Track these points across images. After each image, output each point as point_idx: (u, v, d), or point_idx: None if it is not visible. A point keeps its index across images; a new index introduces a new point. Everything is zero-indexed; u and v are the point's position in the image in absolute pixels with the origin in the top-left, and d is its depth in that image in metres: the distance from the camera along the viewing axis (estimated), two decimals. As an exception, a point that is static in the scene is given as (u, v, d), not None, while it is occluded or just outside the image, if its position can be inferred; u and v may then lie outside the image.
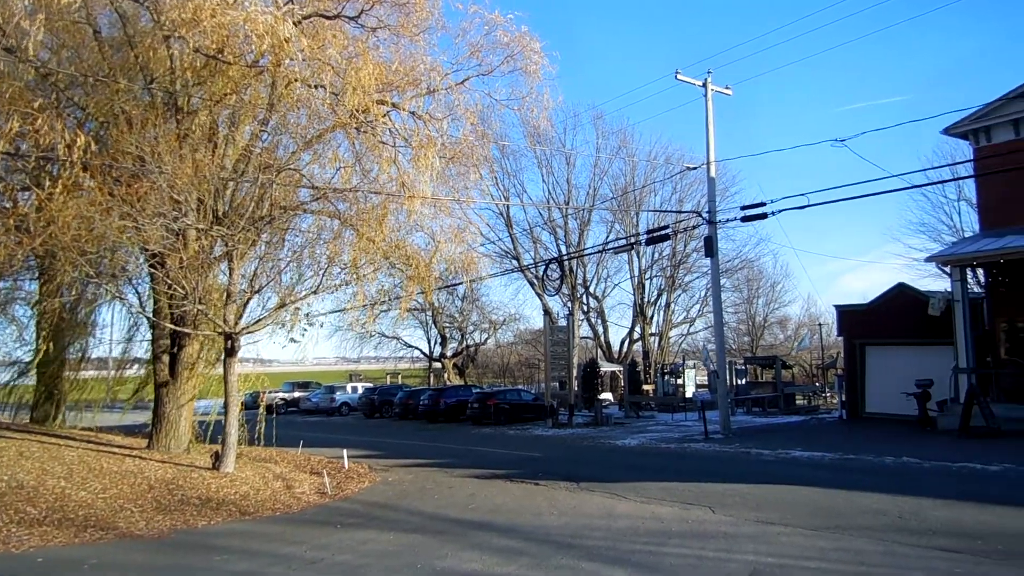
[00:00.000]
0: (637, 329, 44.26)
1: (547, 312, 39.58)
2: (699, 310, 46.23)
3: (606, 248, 38.12)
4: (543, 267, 37.29)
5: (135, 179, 12.58)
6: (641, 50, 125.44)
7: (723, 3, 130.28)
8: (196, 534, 10.09)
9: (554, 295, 39.65)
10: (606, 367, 39.79)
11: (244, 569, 8.33)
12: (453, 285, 32.63)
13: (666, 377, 37.93)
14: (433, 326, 48.19)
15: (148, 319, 16.37)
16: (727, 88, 23.45)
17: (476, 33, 14.55)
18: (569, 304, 41.33)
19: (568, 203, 41.83)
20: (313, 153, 14.77)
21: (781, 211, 19.59)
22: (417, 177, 14.02)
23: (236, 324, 13.80)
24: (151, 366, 16.88)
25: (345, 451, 16.94)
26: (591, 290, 44.74)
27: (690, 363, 39.02)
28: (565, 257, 38.90)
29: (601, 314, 46.02)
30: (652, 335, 44.41)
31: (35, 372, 19.62)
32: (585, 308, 44.70)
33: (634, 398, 33.21)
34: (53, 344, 17.24)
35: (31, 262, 16.53)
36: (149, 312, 15.96)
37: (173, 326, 14.43)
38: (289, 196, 14.18)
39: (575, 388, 30.29)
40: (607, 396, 36.84)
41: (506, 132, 42.45)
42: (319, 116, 13.76)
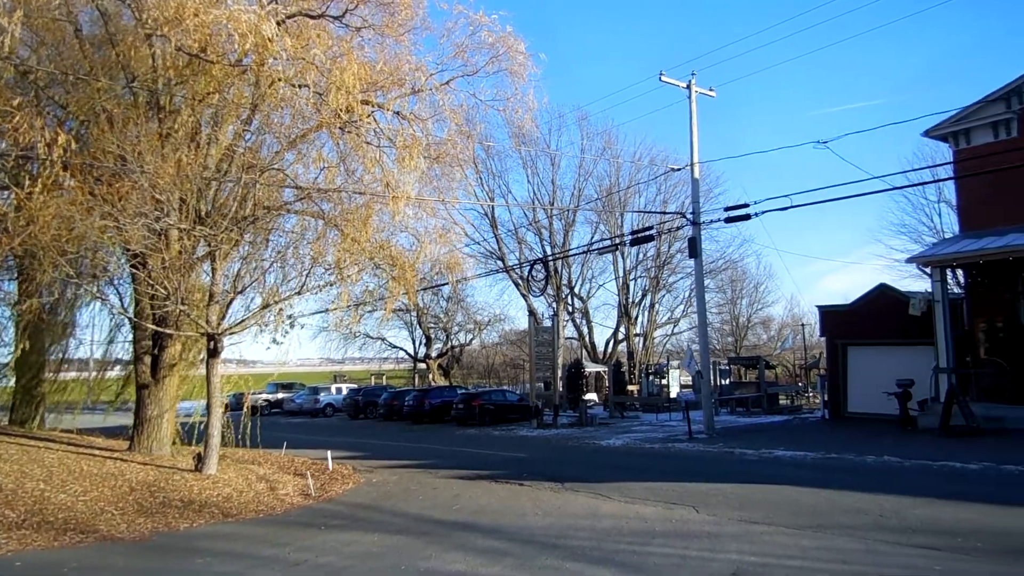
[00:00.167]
0: (622, 330, 44.42)
1: (532, 313, 39.62)
2: (683, 311, 46.56)
3: (591, 249, 38.25)
4: (528, 268, 37.30)
5: (116, 178, 12.46)
6: (626, 52, 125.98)
7: (707, 5, 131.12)
8: (178, 536, 10.01)
9: (539, 296, 39.72)
10: (591, 368, 39.89)
11: (226, 571, 8.27)
12: (438, 286, 32.58)
13: (650, 377, 38.07)
14: (418, 327, 48.09)
15: (130, 320, 16.23)
16: (711, 90, 23.59)
17: (461, 33, 14.55)
18: (554, 305, 41.39)
19: (553, 204, 41.90)
20: (297, 153, 14.71)
21: (764, 212, 19.79)
22: (402, 177, 13.98)
23: (219, 325, 13.71)
24: (133, 367, 16.74)
25: (329, 452, 16.86)
26: (576, 291, 44.87)
27: (674, 363, 39.16)
28: (550, 258, 38.94)
29: (586, 315, 46.18)
30: (637, 336, 44.58)
31: (13, 373, 19.41)
32: (570, 309, 44.81)
33: (619, 398, 33.32)
34: (32, 345, 17.02)
35: (9, 262, 16.36)
36: (131, 313, 15.82)
37: (155, 327, 14.31)
38: (273, 196, 14.10)
39: (560, 389, 30.32)
40: (592, 396, 36.93)
41: (491, 133, 42.44)
42: (303, 116, 13.68)
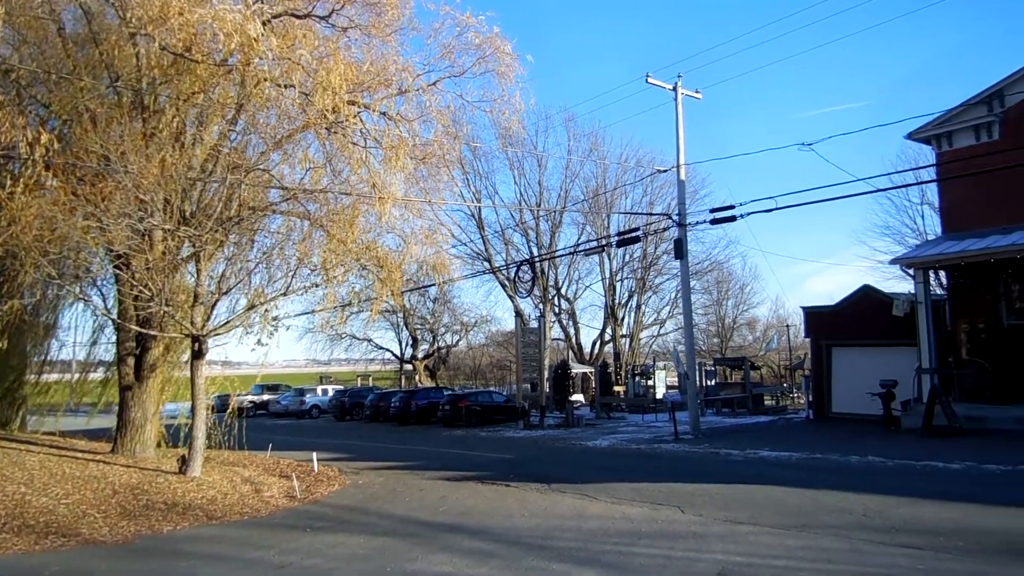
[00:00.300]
0: (608, 331, 44.52)
1: (519, 314, 39.63)
2: (669, 312, 46.72)
3: (577, 250, 38.29)
4: (515, 269, 37.30)
5: (100, 178, 12.35)
6: (613, 53, 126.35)
7: (694, 8, 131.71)
8: (161, 539, 9.93)
9: (526, 297, 39.74)
10: (577, 369, 39.94)
11: (211, 574, 8.23)
12: (425, 287, 32.52)
13: (637, 378, 38.15)
14: (404, 328, 47.99)
15: (113, 321, 16.08)
16: (697, 92, 23.69)
17: (448, 34, 14.49)
18: (541, 306, 41.44)
19: (540, 205, 41.96)
20: (283, 153, 14.64)
21: (750, 214, 19.90)
22: (388, 178, 13.94)
23: (203, 326, 13.61)
24: (116, 369, 16.60)
25: (315, 454, 16.78)
26: (563, 292, 44.95)
27: (660, 364, 39.31)
28: (537, 259, 38.97)
29: (572, 316, 46.26)
30: (623, 337, 44.71)
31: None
32: (557, 310, 44.87)
33: (605, 399, 33.37)
34: (14, 347, 16.83)
35: (-10, 262, 16.15)
36: (114, 314, 15.69)
37: (139, 328, 14.19)
38: (258, 197, 14.01)
39: (547, 390, 30.33)
40: (578, 397, 36.97)
41: (478, 134, 42.51)
42: (289, 116, 13.61)
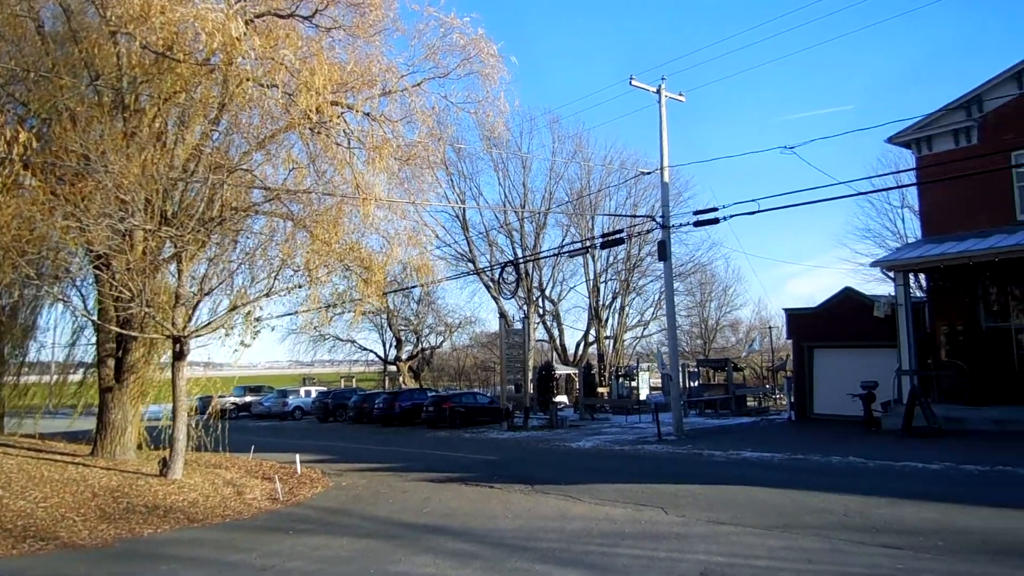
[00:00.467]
0: (592, 332, 44.62)
1: (503, 315, 39.66)
2: (653, 313, 46.89)
3: (562, 251, 38.40)
4: (499, 270, 37.30)
5: (79, 178, 12.23)
6: (598, 55, 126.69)
7: (679, 10, 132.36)
8: (142, 543, 9.84)
9: (510, 298, 39.76)
10: (561, 370, 39.99)
11: (192, 578, 8.16)
12: (408, 288, 32.46)
13: (620, 380, 38.28)
14: (388, 329, 47.83)
15: (93, 322, 15.92)
16: (680, 95, 23.81)
17: (432, 35, 14.45)
18: (525, 307, 41.44)
19: (524, 206, 41.96)
20: (266, 154, 14.54)
21: (733, 216, 20.02)
22: (372, 179, 13.91)
23: (185, 327, 13.51)
24: (96, 371, 16.44)
25: (298, 456, 16.71)
26: (547, 293, 44.94)
27: (644, 366, 39.46)
28: (521, 260, 38.96)
29: (557, 317, 46.28)
30: (607, 338, 44.84)
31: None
32: (541, 311, 44.89)
33: (589, 400, 33.45)
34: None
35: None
36: (94, 315, 15.53)
37: (119, 329, 14.06)
38: (241, 197, 13.92)
39: (531, 391, 30.36)
40: (562, 399, 37.00)
41: (462, 135, 42.52)
42: (272, 116, 13.53)
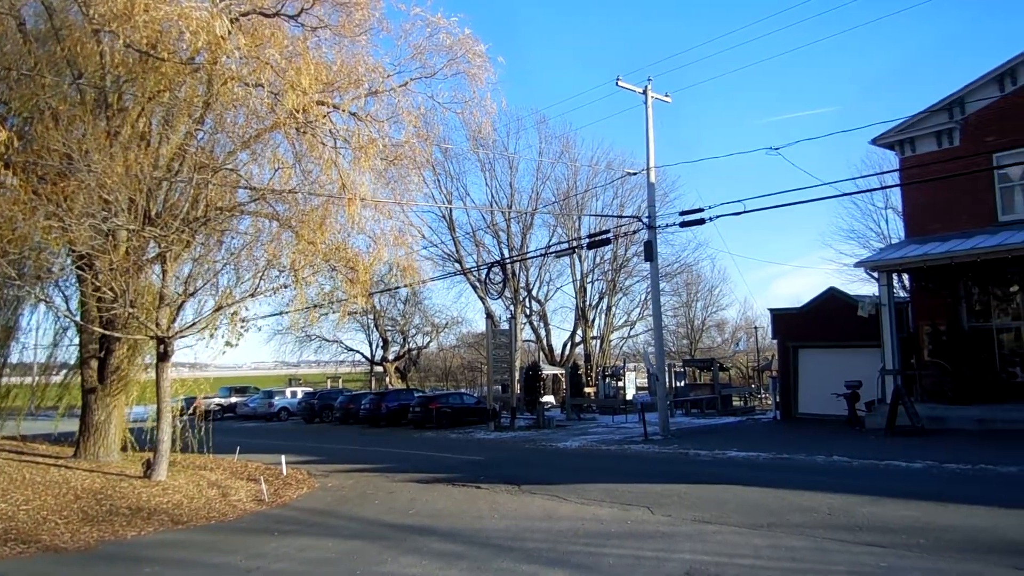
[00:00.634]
0: (579, 332, 44.69)
1: (489, 315, 39.63)
2: (639, 313, 47.03)
3: (548, 252, 38.44)
4: (486, 270, 37.29)
5: (62, 177, 12.11)
6: (585, 56, 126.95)
7: (666, 11, 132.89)
8: (125, 545, 9.75)
9: (497, 299, 39.75)
10: (548, 370, 40.03)
11: (176, 580, 8.10)
12: (395, 288, 32.38)
13: (607, 380, 38.38)
14: (375, 329, 47.70)
15: (76, 323, 15.78)
16: (667, 95, 23.88)
17: (418, 35, 14.43)
18: (512, 307, 41.44)
19: (511, 207, 41.94)
20: (251, 153, 14.46)
21: (718, 217, 20.10)
22: (358, 179, 13.85)
23: (169, 328, 13.42)
24: (79, 372, 16.28)
25: (283, 457, 16.62)
26: (533, 294, 44.97)
27: (631, 366, 39.58)
28: (508, 261, 38.97)
29: (543, 317, 46.32)
30: (594, 338, 44.92)
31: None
32: (528, 312, 44.91)
33: (576, 401, 33.51)
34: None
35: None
36: (77, 316, 15.39)
37: (102, 330, 13.94)
38: (226, 197, 13.84)
39: (517, 391, 30.37)
40: (549, 399, 37.03)
41: (449, 135, 42.44)
42: (257, 115, 13.45)
